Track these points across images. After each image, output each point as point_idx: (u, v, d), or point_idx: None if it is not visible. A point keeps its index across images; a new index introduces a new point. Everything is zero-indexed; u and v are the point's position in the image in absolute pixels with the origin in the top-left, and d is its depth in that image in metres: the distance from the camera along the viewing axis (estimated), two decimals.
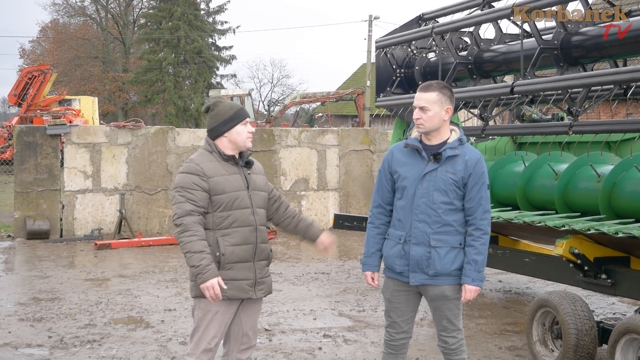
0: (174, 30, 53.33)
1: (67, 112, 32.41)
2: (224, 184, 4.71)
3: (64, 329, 7.69)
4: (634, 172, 6.47)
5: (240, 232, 4.73)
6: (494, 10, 8.06)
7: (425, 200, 4.75)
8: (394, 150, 4.96)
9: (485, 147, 9.15)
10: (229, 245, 4.69)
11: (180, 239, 4.62)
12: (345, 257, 12.41)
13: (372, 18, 44.73)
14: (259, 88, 69.77)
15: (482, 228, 4.76)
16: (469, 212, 4.77)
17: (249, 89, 44.67)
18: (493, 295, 9.48)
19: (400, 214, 4.85)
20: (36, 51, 62.19)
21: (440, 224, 4.75)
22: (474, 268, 4.74)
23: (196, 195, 4.64)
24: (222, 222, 4.70)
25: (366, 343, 7.32)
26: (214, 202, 4.69)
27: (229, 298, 4.71)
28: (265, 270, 4.91)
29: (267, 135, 15.25)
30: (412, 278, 4.81)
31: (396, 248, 4.86)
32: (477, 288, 4.79)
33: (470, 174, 4.74)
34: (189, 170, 4.71)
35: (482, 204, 4.76)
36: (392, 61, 9.64)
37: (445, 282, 4.79)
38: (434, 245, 4.74)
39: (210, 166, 4.72)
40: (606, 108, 15.60)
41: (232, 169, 4.80)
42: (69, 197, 13.94)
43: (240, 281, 4.74)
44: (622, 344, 5.69)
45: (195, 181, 4.66)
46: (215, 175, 4.70)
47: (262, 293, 4.89)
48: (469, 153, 4.79)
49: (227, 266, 4.69)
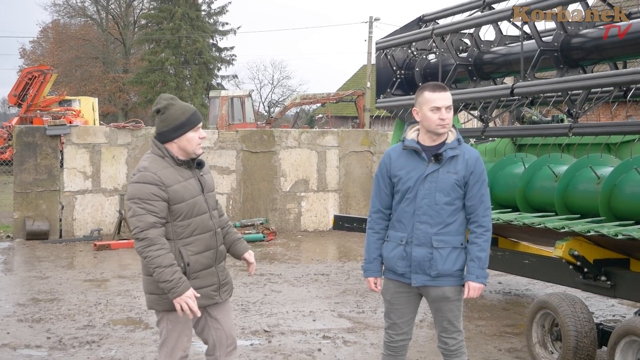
0: (174, 30, 53.34)
1: (67, 113, 32.36)
2: (182, 192, 4.50)
3: (62, 329, 7.68)
4: (634, 174, 6.47)
5: (201, 239, 4.58)
6: (494, 12, 8.07)
7: (428, 202, 4.74)
8: (391, 153, 4.92)
9: (485, 148, 9.14)
10: (192, 255, 4.53)
11: (146, 254, 4.38)
12: (345, 258, 12.40)
13: (373, 19, 44.69)
14: (259, 89, 69.76)
15: (485, 225, 4.77)
16: (470, 209, 4.78)
17: (249, 90, 44.56)
18: (493, 296, 9.47)
19: (401, 216, 4.83)
20: (36, 51, 62.21)
21: (443, 224, 4.75)
22: (477, 265, 4.76)
23: (156, 206, 4.40)
24: (182, 231, 4.52)
25: (366, 344, 7.31)
26: (174, 212, 4.48)
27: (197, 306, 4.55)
28: (225, 272, 4.79)
29: (267, 136, 15.25)
30: (414, 279, 4.81)
31: (397, 250, 4.84)
32: (482, 285, 4.81)
33: (472, 173, 4.76)
34: (146, 179, 4.44)
35: (483, 201, 4.78)
36: (393, 62, 9.64)
37: (447, 283, 4.79)
38: (436, 246, 4.74)
39: (166, 174, 4.48)
40: (606, 110, 15.59)
41: (187, 173, 4.59)
42: (68, 197, 13.94)
43: (206, 288, 4.61)
44: (621, 346, 5.68)
45: (154, 191, 4.42)
46: (174, 183, 4.48)
47: (227, 295, 4.78)
48: (467, 152, 4.80)
49: (192, 276, 4.53)
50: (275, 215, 15.17)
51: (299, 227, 15.34)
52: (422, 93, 4.81)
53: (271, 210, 15.14)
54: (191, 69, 54.20)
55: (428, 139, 4.82)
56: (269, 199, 15.12)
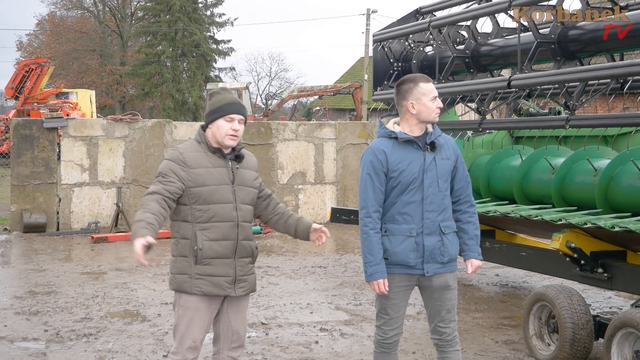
0: (172, 23, 53.27)
1: (64, 106, 32.36)
2: (205, 176, 4.56)
3: (60, 322, 7.68)
4: (631, 166, 6.47)
5: (219, 227, 4.58)
6: (491, 4, 8.05)
7: (434, 190, 4.78)
8: (384, 149, 4.80)
9: (483, 140, 9.14)
10: (207, 240, 4.55)
11: (137, 216, 4.45)
12: (342, 250, 12.41)
13: (370, 12, 44.65)
14: (256, 81, 69.65)
15: (474, 203, 5.01)
16: (460, 191, 4.92)
17: (246, 83, 44.58)
18: (490, 289, 9.49)
19: (407, 208, 4.77)
20: (33, 44, 62.08)
21: (445, 210, 4.84)
22: (476, 242, 4.91)
23: (171, 181, 4.51)
24: (200, 215, 4.56)
25: (363, 337, 7.32)
26: (193, 194, 4.54)
27: (205, 294, 4.58)
28: (247, 268, 4.75)
29: (265, 128, 15.23)
30: (427, 268, 4.78)
31: (408, 242, 4.77)
32: (482, 262, 5.00)
33: (458, 156, 4.92)
34: (171, 157, 4.60)
35: (468, 181, 4.98)
36: (390, 55, 9.62)
37: (451, 268, 4.87)
38: (445, 232, 4.81)
39: (194, 156, 4.59)
40: (603, 102, 15.60)
41: (218, 161, 4.63)
42: (65, 190, 13.93)
43: (218, 277, 4.59)
44: (618, 338, 5.69)
45: (173, 168, 4.53)
46: (198, 166, 4.56)
47: (243, 291, 4.73)
48: (446, 137, 4.95)
49: (204, 261, 4.55)
50: None
51: None
52: (417, 85, 4.79)
53: None
54: (188, 62, 54.13)
55: (418, 130, 4.82)
56: None
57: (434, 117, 4.82)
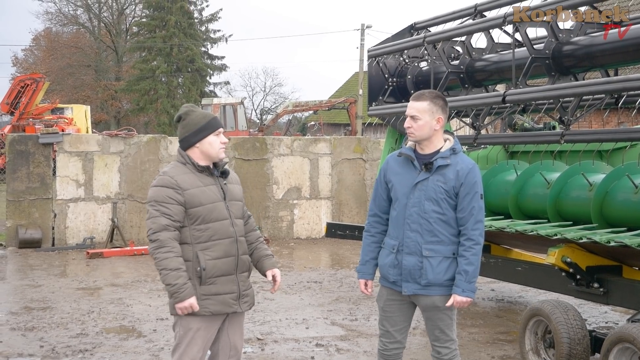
0: (167, 38, 53.37)
1: (59, 121, 32.37)
2: (200, 196, 4.55)
3: (55, 338, 7.66)
4: (626, 181, 6.49)
5: (220, 244, 4.59)
6: (485, 19, 8.09)
7: (417, 210, 4.74)
8: (389, 159, 4.97)
9: (477, 156, 9.17)
10: (210, 260, 4.54)
11: (155, 256, 4.44)
12: (338, 265, 12.40)
13: (365, 27, 44.83)
14: (251, 96, 69.88)
15: (474, 238, 4.72)
16: (461, 222, 4.74)
17: (241, 98, 44.60)
18: (486, 304, 9.48)
19: (393, 223, 4.87)
20: (29, 60, 62.17)
21: (432, 233, 4.73)
22: (464, 279, 4.70)
23: (171, 209, 4.48)
24: (200, 235, 4.55)
25: (359, 352, 7.31)
26: (191, 215, 4.54)
27: (213, 314, 4.59)
28: (247, 282, 4.80)
29: (260, 143, 15.24)
30: (404, 287, 4.81)
31: (390, 257, 4.86)
32: (468, 299, 4.75)
33: (462, 184, 4.72)
34: (163, 183, 4.54)
35: (473, 214, 4.72)
36: (385, 70, 9.65)
37: (437, 292, 4.77)
38: (426, 255, 4.73)
39: (185, 178, 4.56)
40: (598, 117, 15.66)
41: (208, 179, 4.64)
42: (61, 205, 13.91)
43: (224, 295, 4.60)
44: (614, 353, 5.69)
45: (170, 194, 4.50)
46: (191, 187, 4.54)
47: (247, 306, 4.77)
48: (461, 163, 4.76)
49: (209, 281, 4.54)
50: (267, 223, 15.17)
51: (292, 234, 15.35)
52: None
53: (264, 217, 15.14)
54: (183, 77, 54.18)
55: (419, 147, 4.87)
56: (261, 207, 15.12)
57: (408, 136, 4.84)
